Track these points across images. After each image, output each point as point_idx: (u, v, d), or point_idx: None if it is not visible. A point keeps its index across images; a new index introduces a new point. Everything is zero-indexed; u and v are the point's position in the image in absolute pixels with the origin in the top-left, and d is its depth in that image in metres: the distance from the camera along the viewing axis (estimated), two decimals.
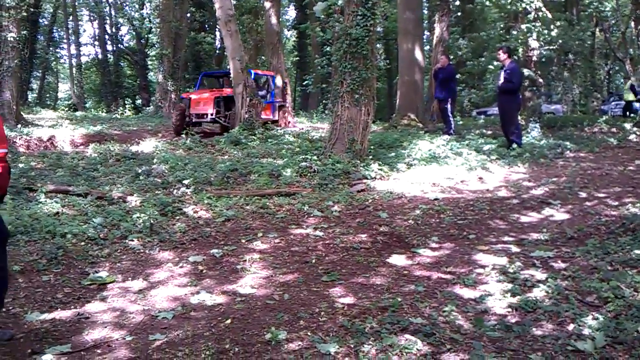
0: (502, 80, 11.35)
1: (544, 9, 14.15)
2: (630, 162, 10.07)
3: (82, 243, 5.76)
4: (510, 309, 4.02)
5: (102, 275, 4.95)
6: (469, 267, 5.04)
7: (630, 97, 21.98)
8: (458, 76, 26.39)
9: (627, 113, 22.17)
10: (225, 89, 17.64)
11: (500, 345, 3.50)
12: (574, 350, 3.38)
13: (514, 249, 5.54)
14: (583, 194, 7.78)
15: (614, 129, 15.02)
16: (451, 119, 13.77)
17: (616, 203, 7.09)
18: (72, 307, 4.29)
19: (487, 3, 19.34)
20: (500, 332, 3.65)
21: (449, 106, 13.72)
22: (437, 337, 3.59)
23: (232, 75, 15.22)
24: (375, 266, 5.19)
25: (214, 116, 15.59)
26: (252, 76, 15.95)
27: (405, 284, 4.65)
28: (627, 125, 14.80)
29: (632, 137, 13.17)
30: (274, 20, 22.59)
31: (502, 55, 11.55)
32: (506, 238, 5.97)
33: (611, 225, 5.98)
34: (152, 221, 6.40)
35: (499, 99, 12.06)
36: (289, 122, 19.04)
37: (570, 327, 3.69)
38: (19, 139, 12.68)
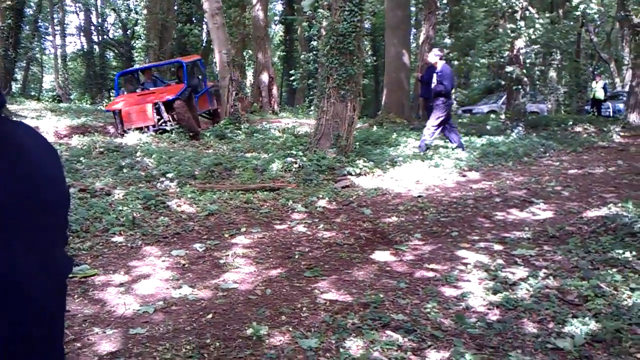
0: (435, 82, 11.17)
1: (530, 8, 14.22)
2: (613, 162, 10.17)
3: None
4: (491, 307, 4.04)
5: (84, 268, 4.91)
6: (451, 264, 5.06)
7: (601, 95, 22.45)
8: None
9: (595, 111, 22.61)
10: (148, 89, 14.55)
11: (481, 342, 3.52)
12: (553, 348, 3.41)
13: (497, 246, 5.57)
14: (565, 193, 7.84)
15: (597, 129, 15.16)
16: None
17: (598, 203, 7.14)
18: None
19: (474, 3, 19.42)
20: (481, 330, 3.67)
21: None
22: (419, 334, 3.61)
23: (218, 69, 15.17)
24: (358, 262, 5.20)
25: (156, 126, 13.18)
26: (184, 68, 14.11)
27: (387, 281, 4.66)
28: (611, 126, 14.93)
29: (615, 137, 13.29)
30: (261, 14, 22.58)
31: (434, 58, 11.34)
32: (489, 236, 6.00)
33: (593, 225, 6.02)
34: (135, 214, 6.36)
35: (432, 101, 11.69)
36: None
37: (551, 325, 3.72)
38: None
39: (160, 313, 4.03)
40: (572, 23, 24.86)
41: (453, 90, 13.35)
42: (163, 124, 13.08)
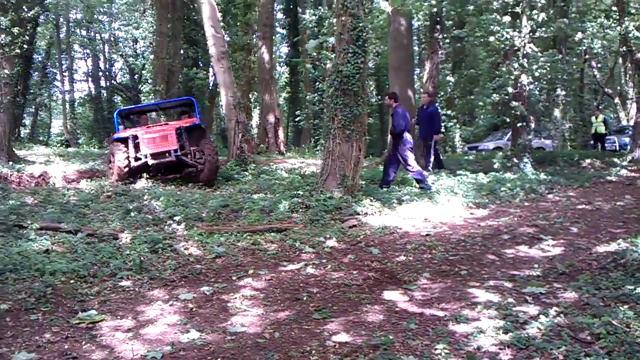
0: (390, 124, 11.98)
1: (532, 45, 14.35)
2: (621, 197, 10.14)
3: (72, 281, 5.71)
4: (502, 346, 3.99)
5: (91, 314, 4.89)
6: (461, 303, 5.01)
7: (603, 129, 22.54)
8: (449, 112, 26.74)
9: (599, 145, 22.66)
10: (153, 125, 14.12)
11: None
12: None
13: (506, 284, 5.53)
14: (574, 229, 7.81)
15: (604, 164, 15.14)
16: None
17: (607, 238, 7.11)
18: (60, 346, 4.23)
19: (476, 42, 19.62)
20: None
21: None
22: None
23: (224, 111, 15.30)
24: (367, 303, 5.16)
25: (178, 153, 12.36)
26: (195, 105, 14.13)
27: (397, 321, 4.62)
28: (617, 160, 14.92)
29: (622, 172, 13.27)
30: (266, 56, 22.86)
31: (389, 101, 12.06)
32: (498, 274, 5.96)
33: (602, 261, 5.98)
34: (142, 258, 6.36)
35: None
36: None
37: None
38: (11, 175, 12.65)
39: (169, 358, 4.00)
40: (575, 59, 25.06)
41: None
42: (183, 155, 12.40)
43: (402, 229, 8.28)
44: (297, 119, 28.67)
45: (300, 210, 9.21)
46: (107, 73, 34.25)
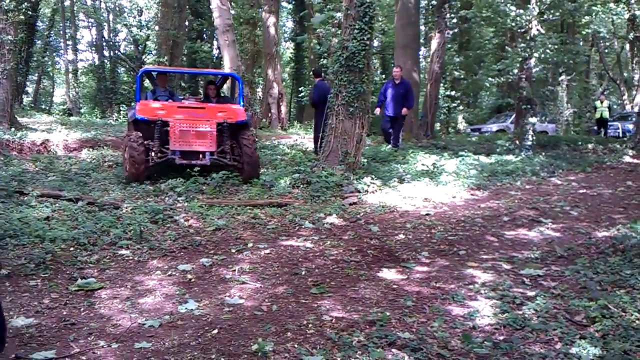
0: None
1: (539, 27, 14.24)
2: (622, 182, 10.13)
3: (72, 248, 5.73)
4: (498, 326, 4.02)
5: (90, 281, 4.91)
6: (459, 283, 5.03)
7: (607, 115, 22.47)
8: (453, 93, 26.64)
9: (602, 131, 22.61)
10: (187, 98, 11.85)
11: None
12: None
13: (504, 266, 5.54)
14: (574, 213, 7.81)
15: (606, 150, 15.12)
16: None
17: (607, 223, 7.11)
18: (59, 312, 4.26)
19: (482, 23, 19.50)
20: (487, 349, 3.64)
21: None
22: (425, 353, 3.58)
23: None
24: (365, 280, 5.18)
25: (214, 156, 9.62)
26: (241, 84, 10.90)
27: (394, 298, 4.64)
28: (620, 146, 14.90)
29: (624, 158, 13.25)
30: (272, 31, 22.71)
31: (314, 77, 13.18)
32: (496, 255, 5.98)
33: (601, 245, 6.00)
34: (142, 228, 6.38)
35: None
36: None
37: (558, 345, 3.69)
38: (13, 142, 12.64)
39: (166, 327, 4.02)
40: (582, 43, 24.91)
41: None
42: (221, 156, 9.71)
43: (402, 208, 8.29)
44: (300, 95, 28.55)
45: (301, 186, 9.22)
46: (111, 43, 33.95)
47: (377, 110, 13.65)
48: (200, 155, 9.52)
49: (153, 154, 9.42)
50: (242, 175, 9.59)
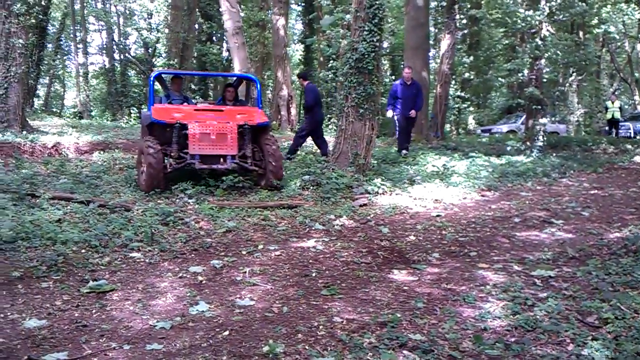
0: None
1: (550, 27, 14.19)
2: (634, 183, 10.08)
3: (83, 251, 5.75)
4: (510, 328, 4.00)
5: (102, 283, 4.93)
6: (470, 284, 5.02)
7: (619, 115, 22.34)
8: (463, 94, 26.59)
9: (614, 131, 22.48)
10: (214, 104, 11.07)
11: None
12: None
13: (515, 267, 5.52)
14: (585, 214, 7.77)
15: (617, 150, 15.04)
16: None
17: (618, 224, 7.08)
18: (71, 314, 4.28)
19: (492, 24, 19.44)
20: (499, 351, 3.63)
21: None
22: (436, 354, 3.57)
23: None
24: (376, 281, 5.18)
25: (236, 160, 9.10)
26: (258, 86, 10.61)
27: (405, 300, 4.64)
28: (631, 147, 14.82)
29: (636, 158, 13.17)
30: (281, 33, 22.74)
31: (301, 80, 13.02)
32: (507, 256, 5.96)
33: (613, 246, 5.96)
34: (153, 231, 6.40)
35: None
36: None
37: (570, 347, 3.67)
38: (24, 145, 12.72)
39: (177, 329, 4.03)
40: (592, 43, 24.80)
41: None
42: (242, 160, 9.20)
43: (412, 209, 8.28)
44: None
45: (311, 187, 9.22)
46: (121, 46, 34.12)
47: (389, 113, 13.42)
48: (221, 160, 8.95)
49: (171, 159, 8.94)
50: (264, 181, 9.23)
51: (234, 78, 11.95)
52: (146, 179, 8.56)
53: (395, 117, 13.28)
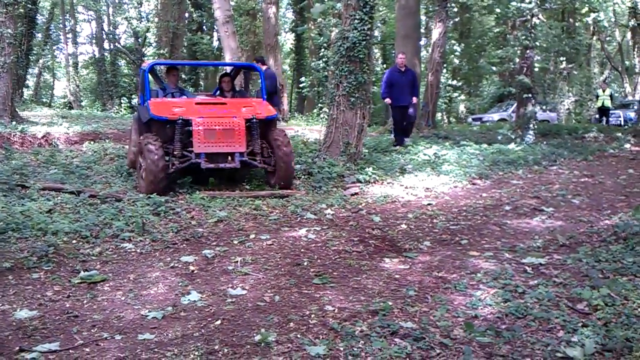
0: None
1: (541, 16, 14.20)
2: (624, 171, 10.12)
3: (74, 241, 5.74)
4: (500, 315, 4.02)
5: (93, 274, 4.92)
6: (461, 272, 5.03)
7: (609, 103, 22.40)
8: (454, 82, 26.59)
9: (604, 119, 22.55)
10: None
11: (490, 350, 3.49)
12: (563, 357, 3.38)
13: (506, 255, 5.54)
14: (576, 202, 7.81)
15: (608, 138, 15.10)
16: None
17: (609, 211, 7.11)
18: (62, 305, 4.27)
19: (483, 11, 19.45)
20: (490, 338, 3.65)
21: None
22: (427, 342, 3.59)
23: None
24: (367, 270, 5.19)
25: (244, 158, 8.38)
26: (262, 76, 10.30)
27: (396, 288, 4.65)
28: (621, 134, 14.88)
29: (626, 146, 13.23)
30: (272, 21, 22.65)
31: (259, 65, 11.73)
32: (498, 244, 5.98)
33: (603, 234, 5.99)
34: (144, 221, 6.38)
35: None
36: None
37: (560, 333, 3.69)
38: (14, 135, 12.65)
39: (169, 319, 4.03)
40: (583, 32, 24.83)
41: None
42: (251, 158, 8.50)
43: (403, 198, 8.30)
44: (301, 86, 28.50)
45: (303, 177, 9.21)
46: (110, 36, 33.88)
47: (388, 100, 12.68)
48: (229, 157, 8.25)
49: (174, 158, 8.17)
50: (273, 179, 8.64)
51: (232, 67, 11.35)
52: (148, 180, 7.83)
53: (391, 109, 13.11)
